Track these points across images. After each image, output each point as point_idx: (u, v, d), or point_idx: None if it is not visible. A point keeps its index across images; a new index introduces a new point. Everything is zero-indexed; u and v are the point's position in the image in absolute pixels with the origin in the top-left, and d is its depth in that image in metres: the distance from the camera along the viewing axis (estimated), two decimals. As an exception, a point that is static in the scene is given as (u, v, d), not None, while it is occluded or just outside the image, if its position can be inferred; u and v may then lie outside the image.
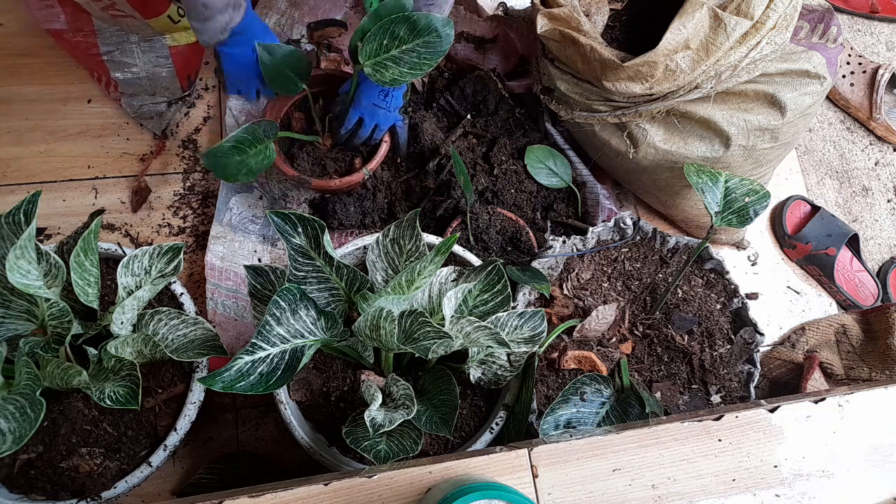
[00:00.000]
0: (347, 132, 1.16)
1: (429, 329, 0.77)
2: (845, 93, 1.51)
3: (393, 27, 0.96)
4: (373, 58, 0.98)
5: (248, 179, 1.05)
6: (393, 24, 0.96)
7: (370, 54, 0.98)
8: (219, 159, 1.02)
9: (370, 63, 0.98)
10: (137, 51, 1.22)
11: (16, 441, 0.74)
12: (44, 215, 1.23)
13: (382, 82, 0.98)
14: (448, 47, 0.97)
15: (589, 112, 1.19)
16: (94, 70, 1.27)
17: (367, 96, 1.11)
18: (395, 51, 0.97)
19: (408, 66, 0.97)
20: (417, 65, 0.98)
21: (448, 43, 0.97)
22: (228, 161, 1.02)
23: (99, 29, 1.18)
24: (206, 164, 1.02)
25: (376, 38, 0.97)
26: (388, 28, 0.96)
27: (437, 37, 0.96)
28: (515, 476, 0.68)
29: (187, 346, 0.91)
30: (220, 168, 1.02)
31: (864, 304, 1.35)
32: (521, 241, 1.20)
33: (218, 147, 1.02)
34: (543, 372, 1.04)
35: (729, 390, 1.07)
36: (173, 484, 1.09)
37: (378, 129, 1.16)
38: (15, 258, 0.77)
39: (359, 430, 0.83)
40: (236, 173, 1.03)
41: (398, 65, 0.98)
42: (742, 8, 1.03)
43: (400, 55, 0.98)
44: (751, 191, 0.96)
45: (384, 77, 0.98)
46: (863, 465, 0.74)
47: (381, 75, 0.98)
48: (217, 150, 1.02)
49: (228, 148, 1.02)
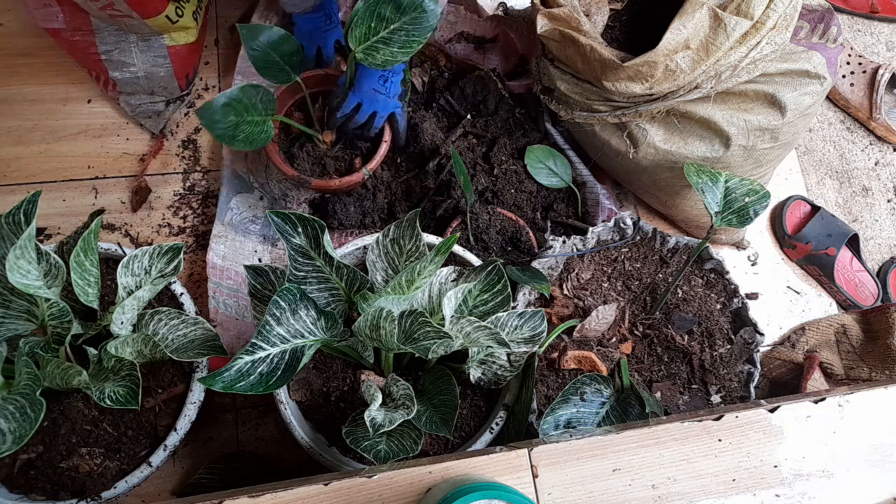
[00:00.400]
0: (344, 116, 1.15)
1: (429, 329, 0.77)
2: (845, 93, 1.51)
3: (378, 8, 0.96)
4: (363, 42, 0.98)
5: (245, 147, 1.02)
6: (378, 4, 0.96)
7: (360, 39, 0.98)
8: (211, 115, 0.99)
9: (361, 48, 0.98)
10: (136, 50, 1.22)
11: (16, 441, 0.74)
12: (44, 215, 1.23)
13: (375, 65, 0.98)
14: (435, 21, 0.97)
15: (589, 112, 1.19)
16: (92, 69, 1.27)
17: (367, 81, 1.11)
18: (383, 32, 0.97)
19: (398, 46, 0.97)
20: (407, 42, 0.97)
21: (435, 17, 0.96)
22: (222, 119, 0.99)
23: (97, 28, 1.18)
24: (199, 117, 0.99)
25: (364, 22, 0.97)
26: (374, 10, 0.96)
27: (422, 12, 0.96)
28: (515, 476, 0.68)
29: (187, 346, 0.91)
30: (212, 124, 0.99)
31: (864, 304, 1.35)
32: (521, 241, 1.20)
33: (210, 102, 0.99)
34: (543, 372, 1.04)
35: (729, 390, 1.07)
36: (173, 484, 1.09)
37: (378, 117, 1.15)
38: (15, 258, 0.77)
39: (359, 430, 0.83)
40: (231, 136, 1.00)
41: (388, 45, 0.98)
42: (742, 8, 1.03)
43: (388, 36, 0.97)
44: (751, 191, 0.96)
45: (376, 59, 0.98)
46: (863, 465, 0.74)
47: (374, 58, 0.98)
48: (209, 105, 0.99)
49: (222, 105, 0.99)
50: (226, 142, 1.02)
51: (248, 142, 1.02)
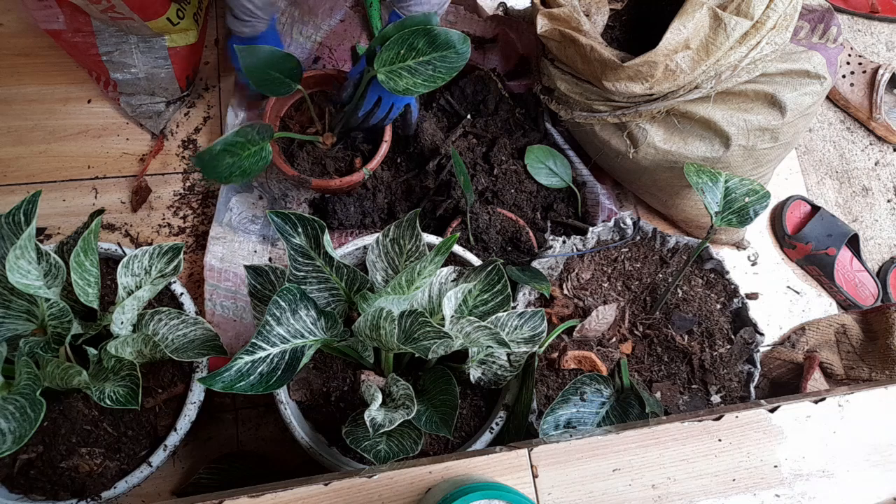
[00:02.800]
0: (366, 113, 1.16)
1: (429, 329, 0.77)
2: (845, 93, 1.51)
3: (412, 39, 0.97)
4: (388, 65, 1.00)
5: (243, 180, 1.04)
6: (413, 35, 0.97)
7: (386, 61, 0.99)
8: (209, 162, 1.00)
9: (384, 70, 1.00)
10: (136, 52, 1.22)
11: (16, 441, 0.74)
12: (44, 215, 1.23)
13: (395, 90, 1.00)
14: (464, 64, 0.99)
15: (589, 112, 1.19)
16: (92, 70, 1.27)
17: None
18: (410, 61, 0.99)
19: (422, 78, 0.99)
20: (432, 77, 0.99)
21: (464, 60, 0.99)
22: (219, 164, 1.01)
23: (98, 30, 1.18)
24: (197, 166, 1.01)
25: (395, 47, 0.98)
26: (408, 39, 0.98)
27: (454, 52, 0.98)
28: (515, 476, 0.68)
29: (187, 346, 0.91)
30: (210, 170, 1.01)
31: (864, 304, 1.35)
32: (521, 241, 1.20)
33: (208, 150, 1.01)
34: (543, 372, 1.04)
35: (729, 390, 1.07)
36: (173, 484, 1.09)
37: (395, 108, 1.16)
38: (15, 258, 0.77)
39: (359, 430, 0.83)
40: (228, 175, 1.02)
41: (413, 75, 0.99)
42: (742, 8, 1.03)
43: (416, 66, 0.99)
44: (751, 191, 0.96)
45: (397, 85, 1.00)
46: (863, 465, 0.74)
47: (395, 83, 1.00)
48: (207, 152, 1.00)
49: (219, 151, 1.01)
50: (223, 181, 1.03)
51: (246, 174, 1.03)
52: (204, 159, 1.00)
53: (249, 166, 1.03)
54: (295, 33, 1.36)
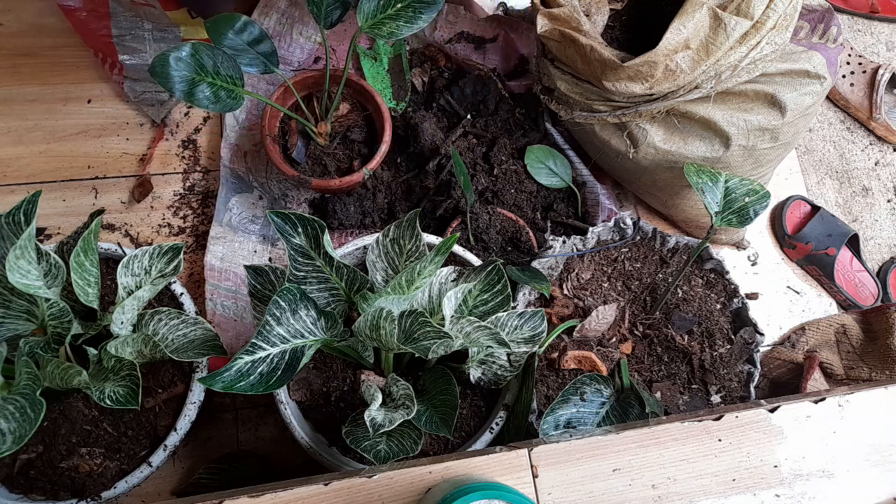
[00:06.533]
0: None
1: (429, 329, 0.77)
2: (845, 93, 1.51)
3: None
4: (371, 19, 1.04)
5: (211, 107, 0.97)
6: None
7: (368, 15, 1.04)
8: (164, 67, 0.92)
9: (368, 24, 1.04)
10: (149, 38, 1.22)
11: (16, 441, 0.74)
12: (44, 215, 1.23)
13: (381, 36, 1.04)
14: (443, 2, 1.03)
15: (589, 112, 1.18)
16: (99, 50, 1.26)
17: None
18: (390, 10, 1.04)
19: (403, 21, 1.04)
20: (413, 18, 1.04)
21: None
22: (175, 74, 0.93)
23: (114, 11, 1.18)
24: (151, 72, 0.93)
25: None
26: None
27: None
28: (515, 476, 0.68)
29: (187, 346, 0.91)
30: (165, 79, 0.93)
31: (864, 304, 1.35)
32: (521, 241, 1.20)
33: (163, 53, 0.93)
34: (543, 372, 1.04)
35: (729, 390, 1.07)
36: (173, 484, 1.09)
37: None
38: (15, 258, 0.77)
39: (359, 430, 0.83)
40: (189, 93, 0.95)
41: (395, 20, 1.04)
42: (742, 8, 1.03)
43: (396, 13, 1.04)
44: (751, 191, 0.96)
45: (381, 32, 1.04)
46: (863, 465, 0.74)
47: (380, 30, 1.04)
48: (162, 55, 0.93)
49: (172, 57, 0.93)
50: (185, 99, 0.95)
51: (213, 101, 0.96)
52: (159, 62, 0.92)
53: (215, 92, 0.97)
54: (295, 33, 1.36)
